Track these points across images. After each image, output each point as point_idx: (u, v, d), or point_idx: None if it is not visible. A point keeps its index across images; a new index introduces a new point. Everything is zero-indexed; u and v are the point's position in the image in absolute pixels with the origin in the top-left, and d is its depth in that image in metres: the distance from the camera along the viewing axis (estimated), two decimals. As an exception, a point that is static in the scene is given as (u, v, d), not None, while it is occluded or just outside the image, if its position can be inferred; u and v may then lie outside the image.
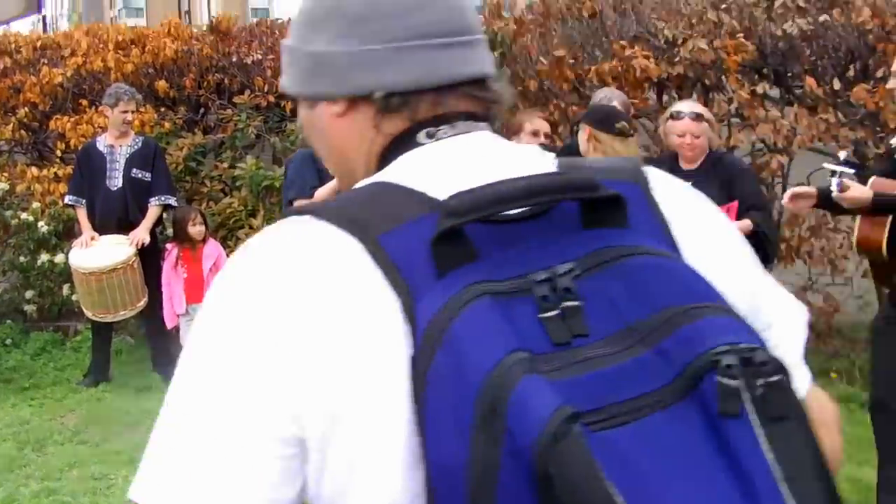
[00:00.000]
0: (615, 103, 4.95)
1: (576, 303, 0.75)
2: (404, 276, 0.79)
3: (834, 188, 3.48)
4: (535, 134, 4.79)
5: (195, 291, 5.82)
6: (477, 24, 0.98)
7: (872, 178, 3.81)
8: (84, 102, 7.24)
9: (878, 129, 5.89)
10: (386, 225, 0.82)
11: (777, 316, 0.95)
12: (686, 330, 0.73)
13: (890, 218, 3.62)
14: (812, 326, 4.23)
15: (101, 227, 5.97)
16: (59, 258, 6.66)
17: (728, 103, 5.95)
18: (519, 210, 0.81)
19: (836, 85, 5.91)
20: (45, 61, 7.56)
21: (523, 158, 0.93)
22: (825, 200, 3.73)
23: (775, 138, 5.69)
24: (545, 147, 4.62)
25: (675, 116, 4.69)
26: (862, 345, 6.42)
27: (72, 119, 7.07)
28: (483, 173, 0.84)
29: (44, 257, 6.76)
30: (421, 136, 0.93)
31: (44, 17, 20.11)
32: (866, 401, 5.17)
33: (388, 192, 0.87)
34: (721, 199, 4.26)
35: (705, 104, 6.34)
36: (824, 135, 5.72)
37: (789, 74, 6.36)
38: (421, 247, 0.79)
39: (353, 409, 0.77)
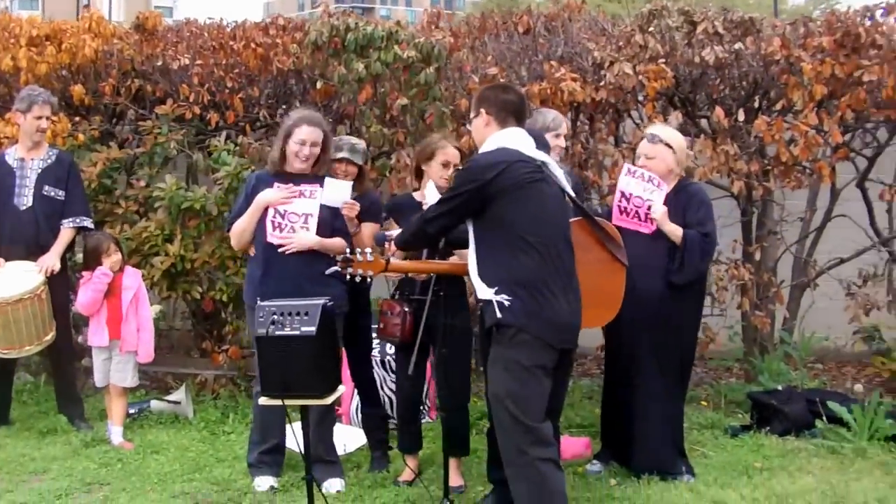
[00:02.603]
0: (563, 126, 4.90)
1: None
2: None
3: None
4: (446, 165, 4.76)
5: (113, 326, 5.38)
6: None
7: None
8: (-11, 108, 6.66)
9: (765, 161, 6.16)
10: None
11: None
12: None
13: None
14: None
15: (7, 252, 5.50)
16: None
17: (640, 131, 5.96)
18: None
19: (741, 116, 6.06)
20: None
21: None
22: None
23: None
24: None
25: (645, 138, 4.85)
26: (727, 373, 6.89)
27: (-27, 128, 6.43)
28: None
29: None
30: None
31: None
32: (728, 426, 5.54)
33: None
34: (678, 222, 4.66)
35: (615, 131, 6.53)
36: (722, 167, 5.93)
37: (696, 104, 6.57)
38: None
39: None
